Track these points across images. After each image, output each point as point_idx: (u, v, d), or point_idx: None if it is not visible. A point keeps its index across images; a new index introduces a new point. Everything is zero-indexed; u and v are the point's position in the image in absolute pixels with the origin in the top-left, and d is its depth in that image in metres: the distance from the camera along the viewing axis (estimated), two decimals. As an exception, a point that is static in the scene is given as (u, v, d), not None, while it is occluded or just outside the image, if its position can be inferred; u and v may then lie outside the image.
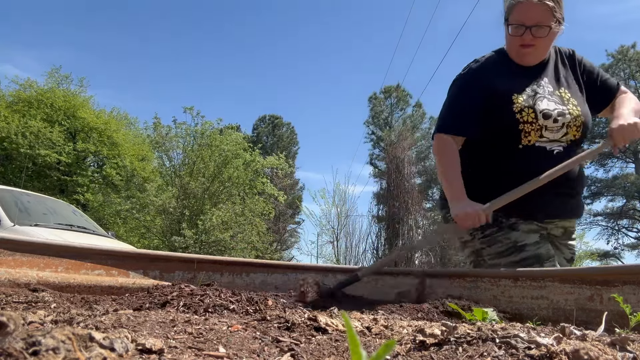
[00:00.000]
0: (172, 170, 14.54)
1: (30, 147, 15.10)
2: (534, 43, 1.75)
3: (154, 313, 0.76)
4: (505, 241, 1.75)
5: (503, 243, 1.75)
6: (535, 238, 1.75)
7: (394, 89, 25.82)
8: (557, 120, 1.74)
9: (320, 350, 0.60)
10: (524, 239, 1.73)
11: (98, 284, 1.49)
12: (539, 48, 1.78)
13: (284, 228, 24.72)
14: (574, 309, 1.26)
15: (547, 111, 1.75)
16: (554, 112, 1.75)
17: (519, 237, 1.74)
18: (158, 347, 0.49)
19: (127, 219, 14.04)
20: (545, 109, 1.75)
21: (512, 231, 1.75)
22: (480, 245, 1.81)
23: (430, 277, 1.79)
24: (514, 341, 0.56)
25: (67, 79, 18.07)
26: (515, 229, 1.75)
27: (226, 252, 12.80)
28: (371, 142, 25.81)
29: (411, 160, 18.17)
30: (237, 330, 0.67)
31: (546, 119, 1.74)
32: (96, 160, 19.00)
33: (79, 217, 6.29)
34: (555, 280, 1.38)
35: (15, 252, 1.42)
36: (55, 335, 0.39)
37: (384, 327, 0.76)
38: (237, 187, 14.56)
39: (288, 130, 32.93)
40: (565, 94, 1.82)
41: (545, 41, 1.76)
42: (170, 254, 1.72)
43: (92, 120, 17.39)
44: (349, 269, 1.85)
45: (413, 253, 14.79)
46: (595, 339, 0.59)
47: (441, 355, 0.57)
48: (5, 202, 5.19)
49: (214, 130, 14.60)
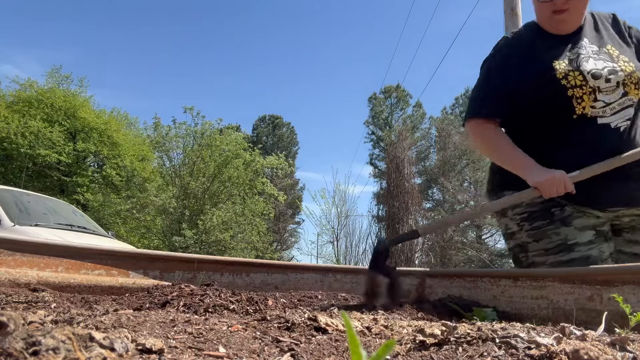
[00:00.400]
0: (172, 170, 14.55)
1: (31, 147, 15.10)
2: (567, 7, 1.61)
3: (154, 313, 0.76)
4: (555, 237, 1.58)
5: (552, 239, 1.58)
6: (589, 237, 1.56)
7: (394, 89, 25.82)
8: (609, 80, 1.56)
9: (320, 350, 0.60)
10: (575, 236, 1.55)
11: (98, 284, 1.49)
12: (573, 12, 1.63)
13: (284, 228, 24.73)
14: (574, 309, 1.26)
15: (596, 71, 1.58)
16: (603, 71, 1.58)
17: (570, 234, 1.56)
18: (158, 347, 0.49)
19: (127, 219, 14.04)
20: (593, 68, 1.59)
21: (564, 226, 1.57)
22: (527, 239, 1.64)
23: (430, 277, 1.80)
24: (514, 341, 0.56)
25: (67, 79, 18.10)
26: (567, 224, 1.57)
27: (226, 252, 12.81)
28: (371, 142, 25.83)
29: (411, 160, 18.16)
30: (237, 330, 0.67)
31: (596, 79, 1.57)
32: (96, 160, 19.00)
33: (79, 217, 6.29)
34: (555, 280, 1.38)
35: (15, 252, 1.42)
36: (55, 335, 0.39)
37: (384, 327, 0.76)
38: (237, 187, 14.57)
39: (288, 130, 32.93)
40: (612, 50, 1.65)
41: (579, 3, 1.62)
42: (170, 254, 1.72)
43: (92, 120, 17.39)
44: (349, 268, 1.85)
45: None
46: (595, 339, 0.59)
47: (441, 355, 0.57)
48: (5, 202, 5.19)
49: (214, 131, 14.61)
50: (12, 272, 1.37)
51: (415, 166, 21.02)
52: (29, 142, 15.10)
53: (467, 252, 16.87)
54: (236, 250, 13.26)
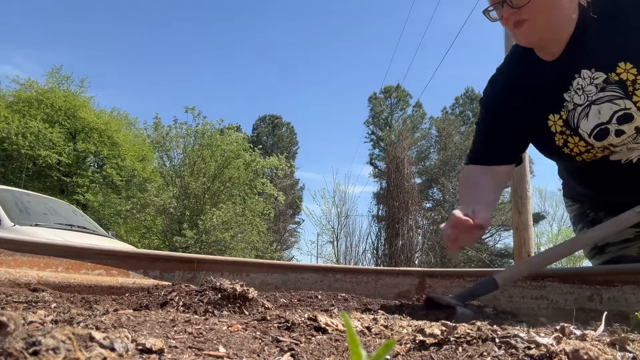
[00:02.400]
0: (173, 170, 14.55)
1: (31, 148, 15.11)
2: (524, 17, 1.16)
3: (154, 313, 0.76)
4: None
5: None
6: (626, 235, 1.37)
7: (394, 89, 25.83)
8: (621, 132, 1.16)
9: (320, 350, 0.60)
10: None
11: (98, 284, 1.49)
12: (536, 20, 1.16)
13: (284, 228, 24.73)
14: (574, 309, 1.26)
15: (599, 131, 1.19)
16: (610, 126, 1.17)
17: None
18: (158, 347, 0.49)
19: (128, 219, 14.05)
20: (595, 126, 1.19)
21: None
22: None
23: (430, 277, 1.80)
24: (514, 341, 0.56)
25: (67, 80, 18.10)
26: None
27: (226, 252, 12.82)
28: (371, 142, 25.83)
29: (411, 160, 18.18)
30: (237, 330, 0.67)
31: (602, 139, 1.19)
32: (96, 160, 19.02)
33: (79, 217, 6.30)
34: (555, 280, 1.39)
35: (15, 252, 1.42)
36: (55, 335, 0.39)
37: (384, 327, 0.76)
38: (238, 187, 14.58)
39: (288, 130, 32.94)
40: (627, 74, 1.14)
41: (536, 5, 1.14)
42: (170, 254, 1.72)
43: (92, 120, 17.40)
44: (349, 268, 1.85)
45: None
46: (595, 339, 0.59)
47: (441, 355, 0.57)
48: (6, 202, 5.19)
49: (214, 131, 14.62)
50: (12, 272, 1.37)
51: (415, 166, 21.03)
52: (30, 143, 15.11)
53: (467, 252, 16.88)
54: (236, 250, 13.27)
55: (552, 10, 1.16)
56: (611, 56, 1.16)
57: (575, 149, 1.25)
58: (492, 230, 21.12)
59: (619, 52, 1.16)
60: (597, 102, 1.18)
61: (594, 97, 1.19)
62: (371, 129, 26.13)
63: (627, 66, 1.14)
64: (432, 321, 0.89)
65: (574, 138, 1.24)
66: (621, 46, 1.16)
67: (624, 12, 1.16)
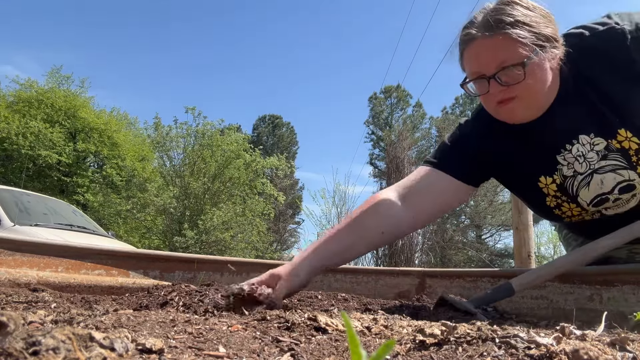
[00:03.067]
0: (173, 170, 14.56)
1: (31, 148, 15.11)
2: (513, 95, 1.10)
3: (154, 313, 0.76)
4: (573, 243, 1.52)
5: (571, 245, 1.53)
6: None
7: (394, 89, 25.84)
8: (618, 200, 1.16)
9: (320, 350, 0.60)
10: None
11: (98, 284, 1.49)
12: (524, 98, 1.10)
13: (284, 228, 24.73)
14: (574, 309, 1.26)
15: (599, 198, 1.17)
16: (611, 195, 1.16)
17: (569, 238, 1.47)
18: (158, 347, 0.49)
19: (128, 219, 14.06)
20: (596, 196, 1.17)
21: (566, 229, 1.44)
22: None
23: (430, 277, 1.79)
24: (514, 341, 0.56)
25: (67, 80, 18.10)
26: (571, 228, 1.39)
27: (226, 252, 12.82)
28: (371, 142, 25.85)
29: (411, 160, 18.15)
30: (237, 330, 0.67)
31: (600, 205, 1.19)
32: (96, 160, 19.02)
33: (79, 217, 6.30)
34: (555, 280, 1.38)
35: (15, 252, 1.42)
36: (55, 335, 0.39)
37: (384, 327, 0.76)
38: (238, 187, 14.59)
39: (288, 130, 32.95)
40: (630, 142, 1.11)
41: (529, 84, 1.07)
42: (170, 254, 1.72)
43: (92, 120, 17.41)
44: (349, 269, 1.85)
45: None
46: (595, 339, 0.59)
47: (441, 355, 0.57)
48: (6, 202, 5.20)
49: (215, 131, 14.62)
50: (12, 272, 1.37)
51: (415, 166, 21.01)
52: (30, 143, 15.12)
53: (467, 252, 16.87)
54: (236, 250, 13.27)
55: (542, 88, 1.11)
56: (609, 122, 1.12)
57: (569, 212, 1.23)
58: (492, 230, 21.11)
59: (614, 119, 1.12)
60: (600, 171, 1.15)
61: (596, 166, 1.15)
62: (371, 129, 26.16)
63: (627, 134, 1.11)
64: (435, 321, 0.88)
65: (570, 205, 1.21)
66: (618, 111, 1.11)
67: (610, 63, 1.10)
